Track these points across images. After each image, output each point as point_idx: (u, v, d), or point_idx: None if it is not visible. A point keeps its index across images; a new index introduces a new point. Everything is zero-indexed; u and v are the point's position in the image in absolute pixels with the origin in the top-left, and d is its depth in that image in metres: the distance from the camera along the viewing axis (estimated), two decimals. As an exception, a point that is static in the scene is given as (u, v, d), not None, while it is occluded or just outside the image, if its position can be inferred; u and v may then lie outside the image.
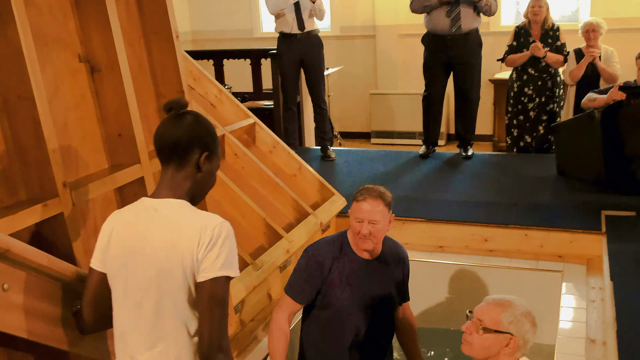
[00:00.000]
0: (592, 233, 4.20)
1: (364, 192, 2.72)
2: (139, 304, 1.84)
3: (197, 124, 1.90)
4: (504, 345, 2.15)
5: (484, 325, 2.18)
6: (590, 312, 3.46)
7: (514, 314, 2.14)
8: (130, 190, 2.68)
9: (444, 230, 4.56)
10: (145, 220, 1.85)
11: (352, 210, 2.72)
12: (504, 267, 4.20)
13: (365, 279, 2.72)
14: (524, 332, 2.13)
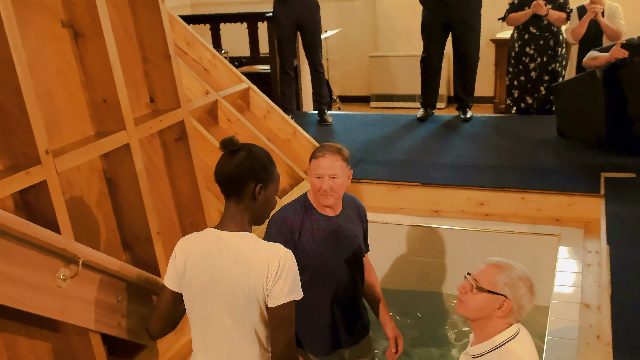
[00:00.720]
0: (590, 195, 4.14)
1: (321, 149, 2.73)
2: (216, 326, 2.10)
3: (249, 158, 2.09)
4: (497, 307, 2.13)
5: (479, 284, 2.16)
6: (586, 276, 3.43)
7: (510, 277, 2.11)
8: (116, 157, 2.64)
9: (439, 194, 4.51)
10: (217, 251, 2.08)
11: (311, 167, 2.73)
12: (500, 232, 4.16)
13: (333, 235, 2.74)
14: (519, 296, 2.10)
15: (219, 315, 2.08)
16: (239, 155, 2.09)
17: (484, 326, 2.20)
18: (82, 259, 2.19)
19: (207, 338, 2.14)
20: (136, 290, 2.55)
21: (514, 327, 2.19)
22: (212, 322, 2.10)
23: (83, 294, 2.27)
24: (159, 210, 2.88)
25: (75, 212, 2.51)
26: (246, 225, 2.12)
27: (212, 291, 2.07)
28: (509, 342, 2.15)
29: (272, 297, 2.03)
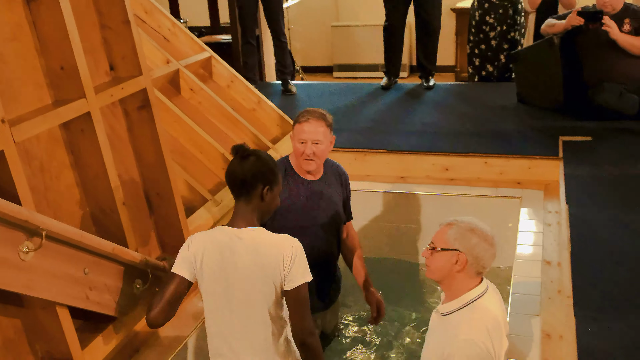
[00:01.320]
0: (550, 159, 4.24)
1: (305, 114, 2.75)
2: (233, 312, 2.32)
3: (258, 163, 2.30)
4: (454, 262, 2.18)
5: (434, 246, 2.22)
6: (547, 235, 3.52)
7: (458, 231, 2.17)
8: (77, 126, 2.58)
9: (405, 161, 4.55)
10: (232, 245, 2.28)
11: (295, 132, 2.74)
12: (465, 195, 4.23)
13: (311, 199, 2.77)
14: (471, 246, 2.15)
15: (236, 303, 2.30)
16: (249, 161, 2.29)
17: (451, 285, 2.25)
18: (46, 231, 2.15)
19: (224, 323, 2.35)
20: (104, 262, 2.52)
21: (482, 285, 2.24)
22: (228, 309, 2.32)
23: (48, 267, 2.23)
24: (123, 181, 2.83)
25: (37, 184, 2.46)
26: (255, 222, 2.32)
27: (230, 281, 2.29)
28: (477, 299, 2.20)
29: (290, 281, 2.25)
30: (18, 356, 2.35)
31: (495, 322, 2.18)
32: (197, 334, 2.95)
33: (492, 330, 2.14)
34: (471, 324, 2.14)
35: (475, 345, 2.09)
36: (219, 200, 3.56)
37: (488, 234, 2.20)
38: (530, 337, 2.67)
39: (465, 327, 2.13)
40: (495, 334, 2.15)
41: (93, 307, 2.47)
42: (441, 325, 2.27)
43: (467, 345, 2.10)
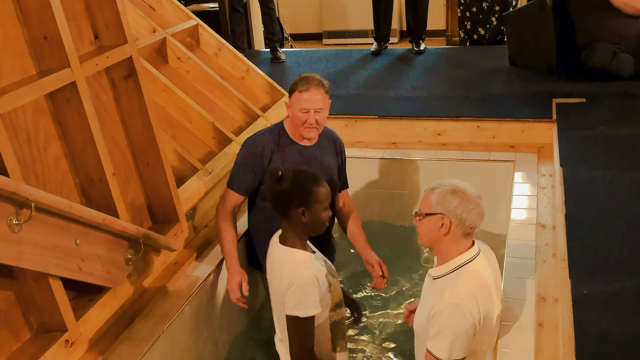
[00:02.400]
0: (543, 121, 4.21)
1: (304, 82, 2.71)
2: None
3: (290, 188, 2.33)
4: (439, 226, 2.18)
5: (420, 212, 2.22)
6: (541, 198, 3.51)
7: (439, 194, 2.17)
8: (63, 96, 2.52)
9: (396, 126, 4.52)
10: (274, 256, 2.50)
11: (294, 101, 2.70)
12: (457, 160, 4.21)
13: (306, 164, 2.72)
14: (452, 208, 2.15)
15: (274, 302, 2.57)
16: (280, 185, 2.33)
17: (441, 249, 2.26)
18: (35, 202, 2.11)
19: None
20: (95, 233, 2.49)
21: (473, 249, 2.24)
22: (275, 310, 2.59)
23: (38, 239, 2.20)
24: (112, 151, 2.79)
25: (24, 156, 2.41)
26: (296, 240, 2.41)
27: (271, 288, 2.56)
28: (467, 264, 2.20)
29: (285, 307, 2.35)
30: (12, 328, 2.33)
31: (484, 287, 2.19)
32: (191, 305, 2.94)
33: (479, 295, 2.15)
34: (456, 288, 2.15)
35: (458, 309, 2.11)
36: (210, 170, 3.52)
37: (470, 194, 2.19)
38: (525, 300, 2.67)
39: (450, 291, 2.15)
40: (482, 298, 2.15)
41: (85, 278, 2.45)
42: (431, 288, 2.29)
43: (449, 308, 2.12)
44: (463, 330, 2.12)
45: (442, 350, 2.13)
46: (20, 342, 2.36)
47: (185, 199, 3.21)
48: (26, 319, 2.39)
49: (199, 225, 3.51)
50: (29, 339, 2.40)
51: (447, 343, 2.12)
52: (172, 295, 2.97)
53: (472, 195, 2.19)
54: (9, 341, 2.31)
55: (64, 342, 2.40)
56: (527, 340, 2.44)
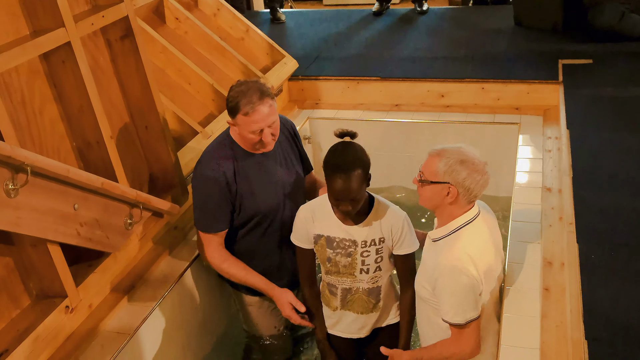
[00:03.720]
0: (549, 83, 4.12)
1: (245, 101, 2.35)
2: None
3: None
4: (445, 194, 2.14)
5: (424, 177, 2.18)
6: (547, 161, 3.46)
7: (447, 163, 2.11)
8: (57, 57, 2.45)
9: (399, 88, 4.44)
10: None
11: (241, 123, 2.38)
12: (461, 122, 4.14)
13: (269, 170, 2.58)
14: (461, 180, 2.10)
15: None
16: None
17: (442, 213, 2.23)
18: (31, 167, 2.05)
19: None
20: (93, 198, 2.44)
21: (473, 210, 2.20)
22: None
23: (36, 204, 2.16)
24: (110, 114, 2.72)
25: (19, 119, 2.35)
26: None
27: None
28: (465, 226, 2.18)
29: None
30: (12, 295, 2.30)
31: (481, 247, 2.17)
32: (192, 270, 2.91)
33: (475, 254, 2.13)
34: (453, 252, 2.14)
35: (455, 270, 2.10)
36: (210, 133, 3.45)
37: (478, 164, 2.13)
38: (530, 264, 2.63)
39: (447, 254, 2.14)
40: (479, 258, 2.14)
41: (84, 243, 2.41)
42: (431, 250, 2.28)
43: (447, 271, 2.12)
44: (467, 289, 2.11)
45: (456, 315, 2.14)
46: (20, 308, 2.34)
47: (185, 163, 3.16)
48: (25, 285, 2.36)
49: (200, 189, 3.46)
50: (28, 305, 2.37)
51: (457, 307, 2.13)
52: (173, 260, 2.93)
53: (479, 165, 2.13)
54: (8, 307, 2.29)
55: (64, 308, 2.38)
56: (532, 305, 2.41)
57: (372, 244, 2.40)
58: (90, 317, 2.55)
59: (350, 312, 2.55)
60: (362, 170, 2.24)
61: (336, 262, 2.44)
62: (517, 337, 2.27)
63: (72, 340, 2.44)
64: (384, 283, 2.50)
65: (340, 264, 2.44)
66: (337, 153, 2.27)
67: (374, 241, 2.40)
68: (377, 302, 2.52)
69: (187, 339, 2.93)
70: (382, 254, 2.43)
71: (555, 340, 2.23)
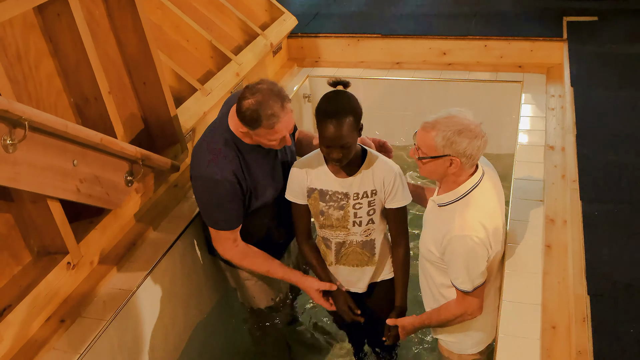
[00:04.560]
0: (553, 40, 4.06)
1: (267, 113, 2.21)
2: None
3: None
4: (447, 166, 2.11)
5: (422, 153, 2.14)
6: (549, 120, 3.42)
7: (445, 136, 2.05)
8: (52, 10, 2.39)
9: (400, 46, 4.37)
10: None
11: (268, 133, 2.28)
12: (463, 80, 4.09)
13: (271, 158, 2.51)
14: (462, 149, 2.06)
15: None
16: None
17: (447, 181, 2.21)
18: (28, 121, 2.02)
19: None
20: (93, 154, 2.41)
21: (477, 173, 2.18)
22: None
23: (34, 159, 2.12)
24: (107, 69, 2.67)
25: (15, 74, 2.30)
26: None
27: None
28: (472, 190, 2.15)
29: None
30: (13, 251, 2.29)
31: (490, 212, 2.16)
32: (193, 227, 2.89)
33: (487, 221, 2.13)
34: (464, 219, 2.12)
35: (468, 240, 2.10)
36: (209, 90, 3.40)
37: (475, 128, 2.07)
38: (533, 222, 2.62)
39: (460, 223, 2.12)
40: (490, 225, 2.14)
41: (84, 199, 2.39)
42: (438, 215, 2.25)
43: (461, 240, 2.11)
44: (479, 257, 2.12)
45: (464, 282, 2.16)
46: (21, 265, 2.33)
47: (184, 120, 3.12)
48: (26, 242, 2.35)
49: (199, 147, 3.42)
50: (30, 261, 2.36)
51: (466, 275, 2.15)
52: (173, 218, 2.92)
53: (476, 129, 2.07)
54: (9, 264, 2.28)
55: (66, 265, 2.37)
56: (535, 261, 2.40)
57: (364, 196, 2.38)
58: (92, 274, 2.54)
59: (345, 267, 2.56)
60: (354, 117, 2.20)
61: (329, 215, 2.43)
62: (518, 294, 2.27)
63: (74, 297, 2.44)
64: (378, 237, 2.50)
65: (333, 217, 2.43)
66: (329, 100, 2.24)
67: (366, 193, 2.38)
68: (371, 255, 2.52)
69: (189, 298, 2.93)
70: (374, 207, 2.41)
71: (557, 297, 2.24)
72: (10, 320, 2.13)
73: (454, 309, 2.27)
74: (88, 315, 2.40)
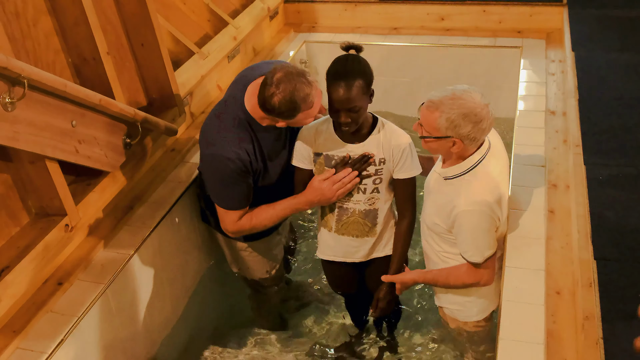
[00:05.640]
0: (552, 5, 4.01)
1: (298, 91, 2.16)
2: None
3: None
4: (450, 146, 2.09)
5: (425, 132, 2.11)
6: (550, 85, 3.40)
7: (449, 119, 2.02)
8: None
9: (398, 11, 4.31)
10: None
11: (305, 115, 2.25)
12: (462, 46, 4.04)
13: (281, 141, 2.47)
14: (466, 133, 2.03)
15: None
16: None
17: (451, 156, 2.18)
18: (28, 79, 1.97)
19: None
20: (92, 115, 2.37)
21: (483, 146, 2.16)
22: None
23: (33, 118, 2.09)
24: (105, 30, 2.61)
25: (13, 31, 2.24)
26: None
27: None
28: (479, 164, 2.13)
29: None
30: (11, 212, 2.26)
31: (497, 184, 2.14)
32: (191, 192, 2.86)
33: (495, 193, 2.12)
34: (472, 194, 2.11)
35: (476, 214, 2.10)
36: (206, 53, 3.35)
37: (481, 112, 2.02)
38: (535, 188, 2.60)
39: (466, 197, 2.10)
40: (498, 195, 2.13)
41: (83, 161, 2.35)
42: (443, 188, 2.23)
43: (469, 215, 2.10)
44: (486, 230, 2.12)
45: (474, 255, 2.16)
46: (19, 226, 2.30)
47: (182, 83, 3.07)
48: (24, 203, 2.32)
49: (196, 111, 3.38)
50: (28, 222, 2.33)
51: (476, 247, 2.15)
52: (171, 181, 2.88)
53: (482, 111, 2.02)
54: (7, 225, 2.25)
55: (64, 226, 2.34)
56: (537, 227, 2.39)
57: (372, 163, 2.36)
58: (90, 237, 2.52)
59: (345, 237, 2.53)
60: (364, 81, 2.16)
61: None
62: (522, 259, 2.25)
63: (72, 260, 2.42)
64: (381, 207, 2.46)
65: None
66: (340, 62, 2.19)
67: (374, 161, 2.35)
68: (373, 225, 2.48)
69: (185, 262, 2.91)
70: (381, 176, 2.38)
71: (561, 261, 2.23)
72: (8, 281, 2.11)
73: (465, 277, 2.25)
74: (85, 279, 2.38)
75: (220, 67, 3.57)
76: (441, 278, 2.33)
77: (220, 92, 3.61)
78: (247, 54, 3.92)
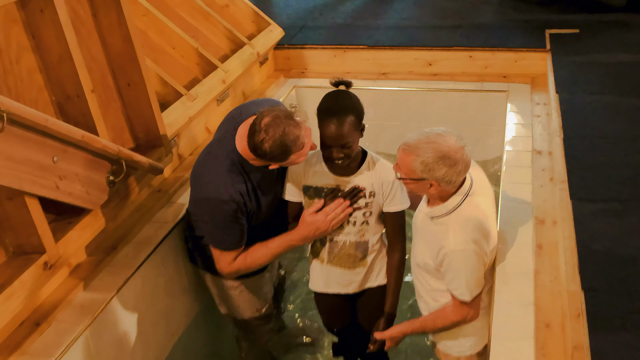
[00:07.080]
0: (536, 51, 4.09)
1: (287, 134, 2.14)
2: None
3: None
4: (428, 187, 2.09)
5: (402, 174, 2.11)
6: (536, 126, 3.42)
7: (424, 162, 2.03)
8: (36, 5, 2.34)
9: (386, 56, 4.37)
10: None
11: (297, 155, 2.23)
12: (449, 90, 4.09)
13: (272, 179, 2.46)
14: (441, 176, 2.03)
15: None
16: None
17: (431, 196, 2.18)
18: (7, 113, 1.95)
19: None
20: (74, 151, 2.35)
21: (466, 184, 2.15)
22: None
23: (12, 153, 2.06)
24: (90, 69, 2.62)
25: (-7, 68, 2.25)
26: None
27: None
28: (463, 201, 2.14)
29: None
30: (-14, 251, 2.21)
31: (484, 221, 2.14)
32: (176, 233, 2.82)
33: (482, 231, 2.12)
34: (460, 234, 2.10)
35: (465, 254, 2.10)
36: (195, 95, 3.36)
37: (455, 154, 2.01)
38: (522, 224, 2.58)
39: (454, 237, 2.11)
40: (486, 233, 2.14)
41: (64, 197, 2.32)
42: (430, 227, 2.22)
43: (457, 254, 2.11)
44: (475, 268, 2.13)
45: (463, 293, 2.16)
46: (-5, 264, 2.25)
47: (169, 124, 3.07)
48: (1, 241, 2.27)
49: (184, 153, 3.37)
50: (4, 261, 2.27)
51: (465, 285, 2.14)
52: (156, 222, 2.84)
53: (457, 154, 2.01)
54: (-17, 263, 2.19)
55: (43, 264, 2.28)
56: (526, 261, 2.37)
57: (362, 196, 2.34)
58: (71, 277, 2.47)
59: (336, 268, 2.50)
60: (355, 117, 2.18)
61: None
62: (511, 293, 2.23)
63: (51, 300, 2.37)
64: (371, 239, 2.44)
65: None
66: (330, 99, 2.21)
67: (364, 194, 2.34)
68: (363, 256, 2.46)
69: (170, 306, 2.84)
70: (371, 209, 2.37)
71: (550, 295, 2.20)
72: (-19, 322, 2.05)
73: (451, 316, 2.25)
74: (64, 320, 2.31)
75: (209, 109, 3.59)
76: (429, 323, 2.33)
77: (209, 134, 3.61)
78: (236, 98, 3.94)
